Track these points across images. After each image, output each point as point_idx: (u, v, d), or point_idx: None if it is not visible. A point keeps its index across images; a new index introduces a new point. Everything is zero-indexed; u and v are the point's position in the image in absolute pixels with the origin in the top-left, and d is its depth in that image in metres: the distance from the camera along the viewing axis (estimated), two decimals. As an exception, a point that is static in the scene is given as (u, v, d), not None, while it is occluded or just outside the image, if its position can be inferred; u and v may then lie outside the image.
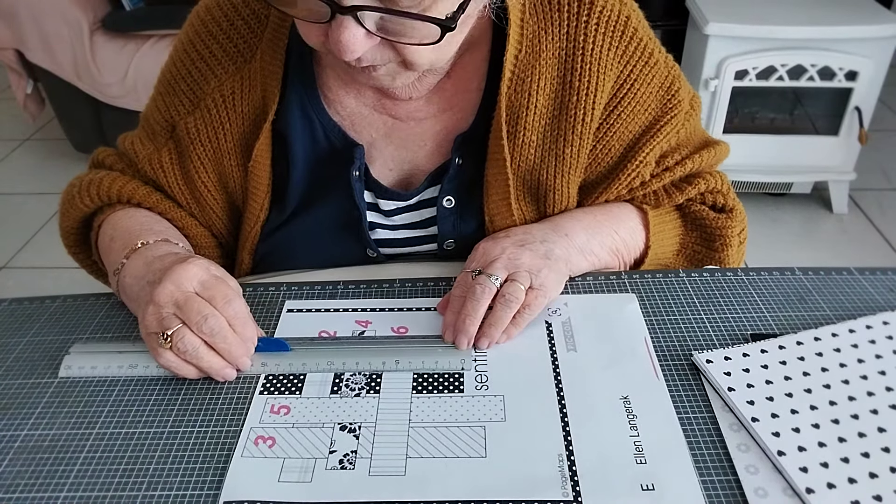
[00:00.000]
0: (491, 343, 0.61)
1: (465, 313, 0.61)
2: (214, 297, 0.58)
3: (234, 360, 0.58)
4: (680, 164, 0.74)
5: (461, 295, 0.63)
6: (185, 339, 0.56)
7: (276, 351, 0.61)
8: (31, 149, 2.72)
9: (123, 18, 2.15)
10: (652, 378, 0.58)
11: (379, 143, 0.74)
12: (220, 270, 0.61)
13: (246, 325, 0.59)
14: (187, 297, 0.57)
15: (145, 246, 0.67)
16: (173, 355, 0.57)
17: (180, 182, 0.76)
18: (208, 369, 0.58)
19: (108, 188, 0.75)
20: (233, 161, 0.74)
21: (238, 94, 0.72)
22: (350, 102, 0.73)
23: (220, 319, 0.57)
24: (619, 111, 0.71)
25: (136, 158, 0.77)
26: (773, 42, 1.88)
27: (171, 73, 0.75)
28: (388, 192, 0.74)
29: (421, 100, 0.72)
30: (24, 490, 0.51)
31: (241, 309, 0.59)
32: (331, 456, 0.52)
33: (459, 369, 0.59)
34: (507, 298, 0.61)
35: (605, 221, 0.73)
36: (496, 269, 0.62)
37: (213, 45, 0.72)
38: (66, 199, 0.79)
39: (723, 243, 0.76)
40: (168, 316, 0.57)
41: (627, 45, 0.69)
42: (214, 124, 0.73)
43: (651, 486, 0.49)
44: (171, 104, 0.75)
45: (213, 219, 0.78)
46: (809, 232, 2.11)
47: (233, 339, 0.58)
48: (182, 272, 0.58)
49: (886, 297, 0.66)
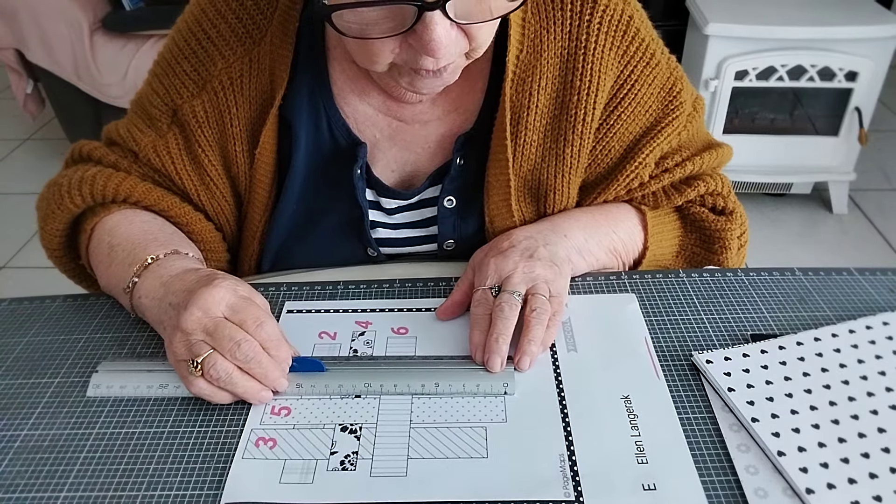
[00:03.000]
0: (533, 361, 0.58)
1: (496, 332, 0.58)
2: (245, 320, 0.55)
3: (271, 384, 0.56)
4: (680, 166, 0.74)
5: (485, 314, 0.61)
6: (218, 366, 0.53)
7: (311, 371, 0.58)
8: (31, 149, 2.72)
9: (123, 18, 2.15)
10: (652, 378, 0.58)
11: (382, 145, 0.74)
12: (246, 289, 0.58)
13: (280, 347, 0.56)
14: (217, 323, 0.54)
15: (156, 262, 0.63)
16: (205, 383, 0.54)
17: (188, 168, 0.73)
18: (244, 394, 0.55)
19: (102, 186, 0.70)
20: (237, 146, 0.72)
21: (246, 76, 0.70)
22: (355, 101, 0.73)
23: (253, 344, 0.54)
24: (619, 111, 0.70)
25: (138, 147, 0.73)
26: (773, 42, 1.88)
27: (173, 55, 0.72)
28: (389, 190, 0.74)
29: (426, 102, 0.72)
30: (24, 490, 0.51)
31: (273, 331, 0.56)
32: (332, 457, 0.52)
33: (502, 393, 0.56)
34: (538, 312, 0.59)
35: (604, 222, 0.73)
36: (516, 285, 0.61)
37: (221, 24, 0.69)
38: (50, 199, 0.72)
39: (722, 246, 0.76)
40: (197, 342, 0.54)
41: (629, 45, 0.69)
42: (221, 107, 0.71)
43: (653, 486, 0.49)
44: (172, 87, 0.71)
45: (221, 205, 0.75)
46: (809, 232, 2.11)
47: (268, 362, 0.55)
48: (209, 296, 0.55)
49: (886, 298, 0.66)
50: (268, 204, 0.74)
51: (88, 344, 0.64)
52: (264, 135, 0.70)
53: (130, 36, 2.14)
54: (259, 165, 0.72)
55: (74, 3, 2.10)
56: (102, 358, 0.63)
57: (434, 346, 0.62)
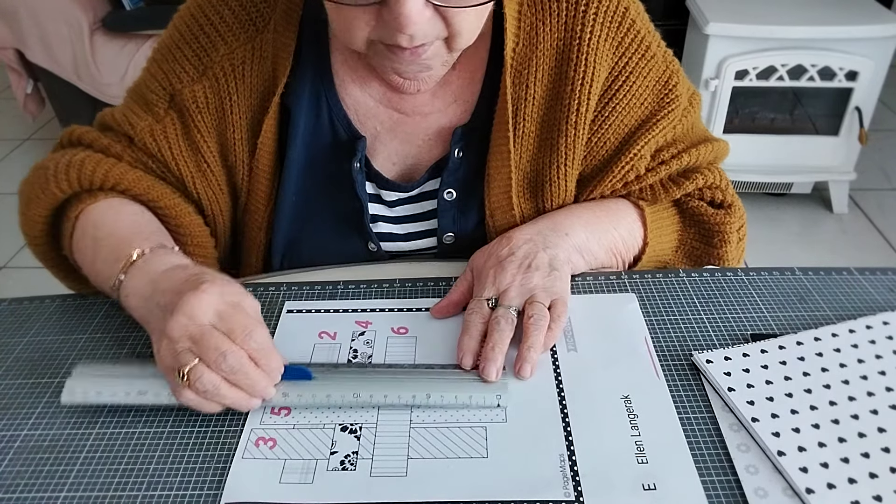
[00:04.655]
0: (534, 368, 0.58)
1: (492, 342, 0.58)
2: (233, 329, 0.53)
3: (259, 394, 0.54)
4: (676, 158, 0.73)
5: (478, 321, 0.60)
6: (204, 379, 0.51)
7: (299, 379, 0.56)
8: (31, 149, 2.72)
9: (123, 18, 2.15)
10: (653, 377, 0.58)
11: (383, 137, 0.74)
12: (235, 292, 0.55)
13: (270, 357, 0.54)
14: (203, 332, 0.52)
15: (142, 258, 0.61)
16: (193, 394, 0.53)
17: (185, 153, 0.71)
18: (232, 405, 0.54)
19: (91, 172, 0.67)
20: (237, 134, 0.71)
21: (248, 64, 0.69)
22: (356, 92, 0.72)
23: (240, 355, 0.52)
24: (613, 103, 0.70)
25: (133, 131, 0.71)
26: (773, 42, 1.88)
27: (174, 40, 0.71)
28: (389, 183, 0.74)
29: (427, 94, 0.72)
30: (24, 490, 0.51)
31: (262, 340, 0.54)
32: (332, 457, 0.52)
33: (495, 405, 0.55)
34: (535, 319, 0.59)
35: (605, 217, 0.72)
36: (512, 300, 0.61)
37: (225, 10, 0.69)
38: (35, 183, 0.69)
39: (721, 239, 0.75)
40: (183, 351, 0.52)
41: (624, 37, 0.69)
42: (222, 94, 0.70)
43: (653, 486, 0.49)
44: (171, 71, 0.71)
45: (216, 193, 0.74)
46: (809, 232, 2.11)
47: (255, 374, 0.53)
48: (195, 302, 0.52)
49: (886, 297, 0.66)
50: (271, 194, 0.74)
51: (88, 344, 0.64)
52: (266, 123, 0.70)
53: (130, 36, 2.15)
54: (261, 155, 0.71)
55: (74, 3, 2.10)
56: (103, 358, 0.62)
57: (434, 346, 0.62)
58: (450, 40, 0.61)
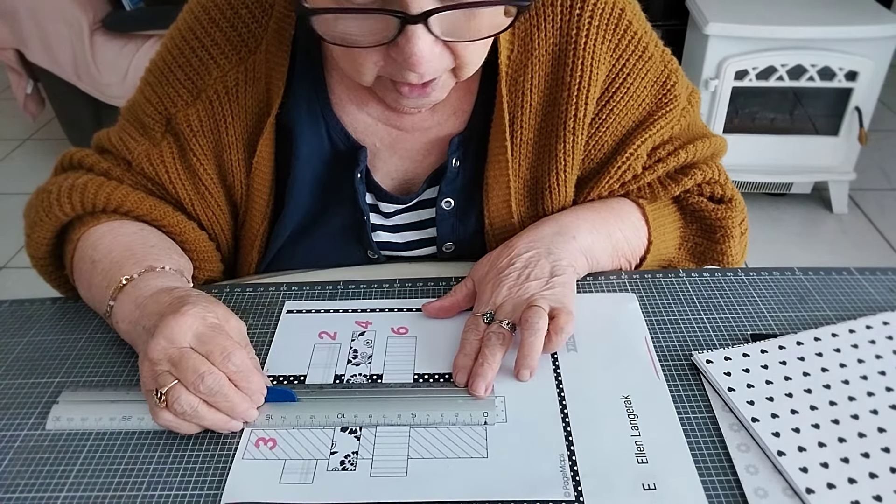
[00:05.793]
0: (533, 372, 0.58)
1: (482, 359, 0.57)
2: (212, 351, 0.52)
3: (239, 416, 0.54)
4: (673, 155, 0.73)
5: (474, 339, 0.60)
6: (181, 400, 0.51)
7: (282, 401, 0.56)
8: (31, 149, 2.72)
9: (123, 18, 2.15)
10: (653, 377, 0.58)
11: (383, 154, 0.73)
12: (218, 315, 0.55)
13: (250, 379, 0.54)
14: (182, 354, 0.52)
15: (130, 282, 0.61)
16: (170, 414, 0.52)
17: (183, 177, 0.72)
18: (211, 426, 0.54)
19: (93, 195, 0.68)
20: (233, 155, 0.71)
21: (241, 86, 0.69)
22: (353, 111, 0.72)
23: (218, 377, 0.52)
24: (611, 105, 0.70)
25: (131, 156, 0.72)
26: (773, 42, 1.88)
27: (166, 62, 0.70)
28: (387, 195, 0.74)
29: (426, 111, 0.71)
30: (24, 490, 0.51)
31: (241, 362, 0.53)
32: (332, 457, 0.52)
33: (482, 423, 0.55)
34: (531, 323, 0.58)
35: (610, 218, 0.72)
36: (506, 315, 0.61)
37: (216, 32, 0.68)
38: (38, 207, 0.70)
39: (724, 234, 0.75)
40: (163, 373, 0.52)
41: (621, 39, 0.68)
42: (216, 117, 0.70)
43: (653, 486, 0.49)
44: (165, 95, 0.70)
45: (216, 214, 0.74)
46: (809, 232, 2.11)
47: (234, 396, 0.53)
48: (174, 325, 0.52)
49: (886, 297, 0.66)
50: (266, 212, 0.73)
51: (88, 344, 0.64)
52: (261, 144, 0.69)
53: (130, 36, 2.14)
54: (257, 174, 0.71)
55: (74, 3, 2.10)
56: (102, 358, 0.63)
57: (434, 346, 0.62)
58: (457, 70, 0.60)
